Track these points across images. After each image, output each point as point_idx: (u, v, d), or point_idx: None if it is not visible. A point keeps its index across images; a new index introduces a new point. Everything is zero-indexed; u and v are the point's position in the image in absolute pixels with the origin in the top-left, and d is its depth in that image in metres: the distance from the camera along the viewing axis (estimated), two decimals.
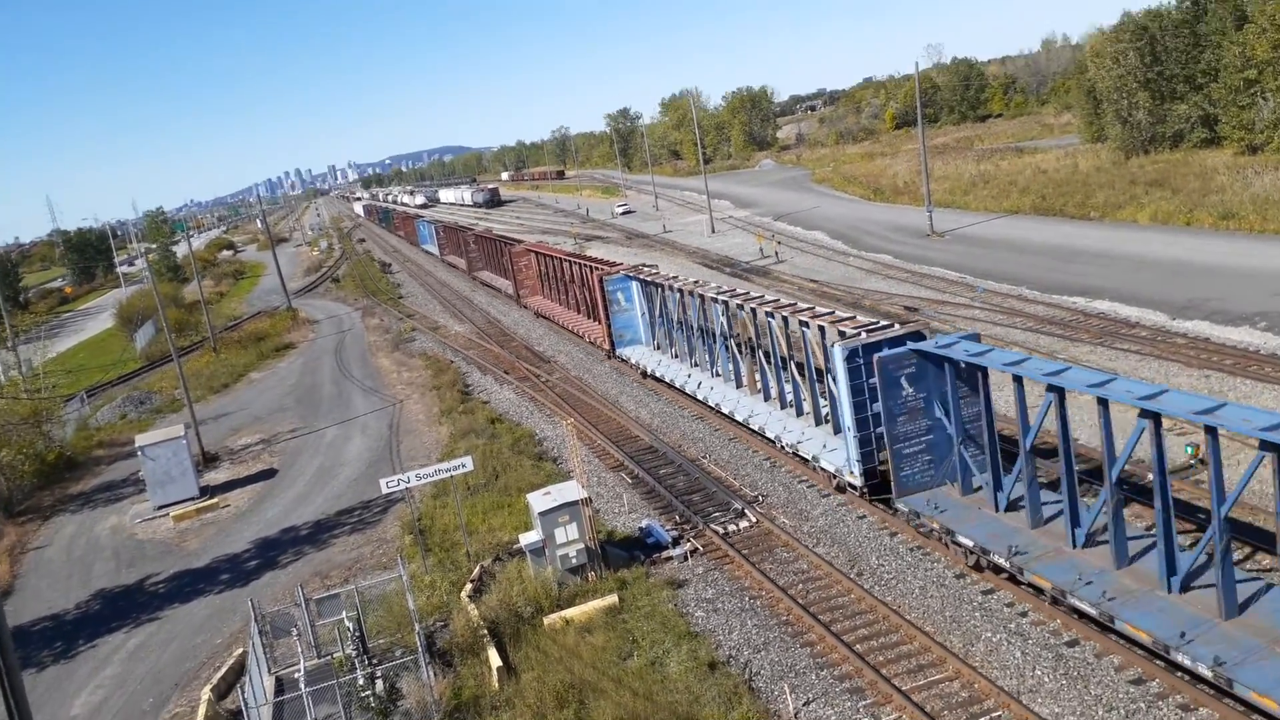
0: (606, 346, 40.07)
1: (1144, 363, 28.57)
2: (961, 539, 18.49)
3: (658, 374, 35.23)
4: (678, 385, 33.34)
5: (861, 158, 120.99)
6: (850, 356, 21.46)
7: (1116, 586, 15.55)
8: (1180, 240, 45.33)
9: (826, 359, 24.10)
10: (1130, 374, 26.44)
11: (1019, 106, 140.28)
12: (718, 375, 32.05)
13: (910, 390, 19.80)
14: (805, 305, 27.77)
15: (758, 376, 29.16)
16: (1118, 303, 36.35)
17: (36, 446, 39.11)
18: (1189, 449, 21.07)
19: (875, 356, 20.00)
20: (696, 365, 33.72)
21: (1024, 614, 17.09)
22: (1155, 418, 14.69)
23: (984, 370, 18.35)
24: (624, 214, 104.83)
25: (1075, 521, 16.98)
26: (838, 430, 23.68)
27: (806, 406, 26.29)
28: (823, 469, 23.74)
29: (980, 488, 19.57)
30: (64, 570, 28.84)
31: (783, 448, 25.85)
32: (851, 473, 22.27)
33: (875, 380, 20.26)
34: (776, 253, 59.95)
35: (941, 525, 18.96)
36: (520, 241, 61.85)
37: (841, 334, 23.16)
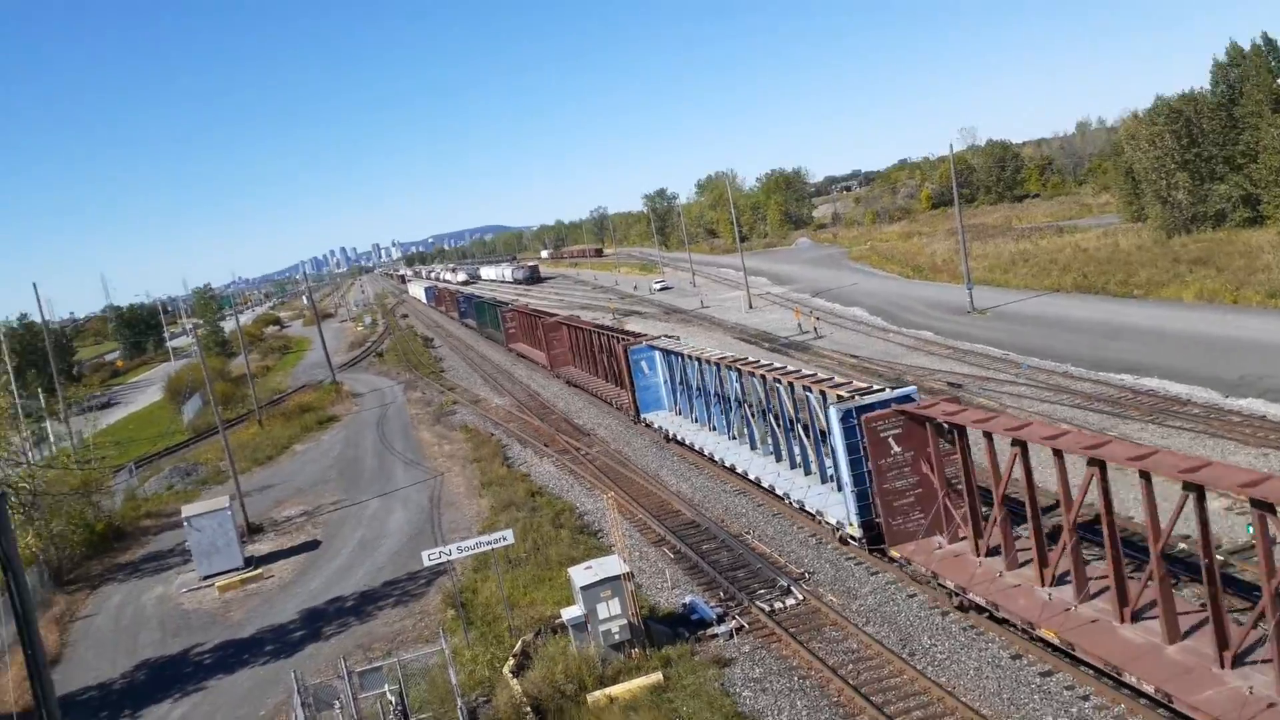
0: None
1: (1198, 440, 28.07)
2: None
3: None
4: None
5: (898, 237, 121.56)
6: None
7: None
8: (1227, 318, 44.83)
9: None
10: (1185, 451, 25.92)
11: (1056, 187, 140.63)
12: None
13: None
14: None
15: None
16: (1167, 380, 35.86)
17: (86, 517, 39.66)
18: None
19: None
20: None
21: (1085, 697, 16.58)
22: None
23: None
24: (661, 290, 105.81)
25: None
26: None
27: None
28: None
29: None
30: (111, 639, 29.00)
31: None
32: None
33: None
34: (815, 328, 60.06)
35: None
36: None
37: None
